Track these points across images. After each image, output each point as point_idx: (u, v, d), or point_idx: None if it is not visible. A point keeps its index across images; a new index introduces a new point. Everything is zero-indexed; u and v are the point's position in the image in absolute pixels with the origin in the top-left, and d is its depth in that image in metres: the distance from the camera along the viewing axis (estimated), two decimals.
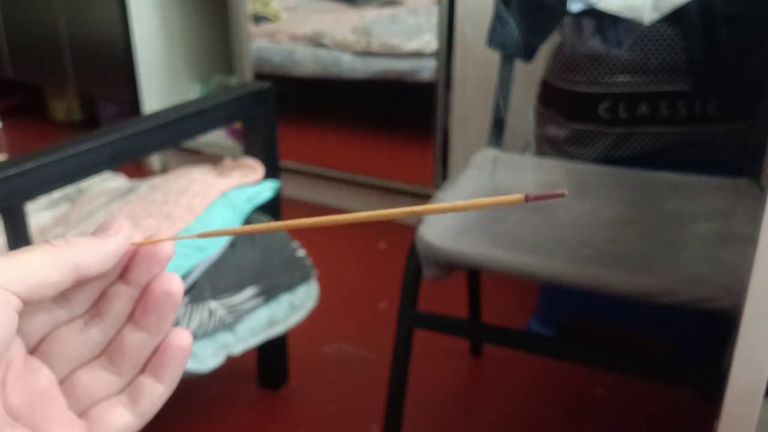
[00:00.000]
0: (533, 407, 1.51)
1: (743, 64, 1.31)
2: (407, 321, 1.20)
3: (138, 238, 0.34)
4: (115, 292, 0.34)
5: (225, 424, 1.47)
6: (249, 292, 1.31)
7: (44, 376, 0.33)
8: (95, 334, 0.34)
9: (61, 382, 0.34)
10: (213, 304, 1.24)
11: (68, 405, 0.33)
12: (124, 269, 0.34)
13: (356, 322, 1.78)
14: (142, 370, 0.34)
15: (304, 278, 1.42)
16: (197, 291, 1.23)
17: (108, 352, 0.34)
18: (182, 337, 0.35)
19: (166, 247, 0.34)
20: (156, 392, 0.34)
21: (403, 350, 1.21)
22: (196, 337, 1.23)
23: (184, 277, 1.23)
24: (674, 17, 1.30)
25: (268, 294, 1.34)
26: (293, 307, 1.40)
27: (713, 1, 1.29)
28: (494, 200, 0.32)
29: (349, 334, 1.72)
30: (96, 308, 0.34)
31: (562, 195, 0.31)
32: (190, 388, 1.54)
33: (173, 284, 0.34)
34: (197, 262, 1.24)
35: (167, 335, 0.34)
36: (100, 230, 0.33)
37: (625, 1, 1.28)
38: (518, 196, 0.32)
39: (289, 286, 1.39)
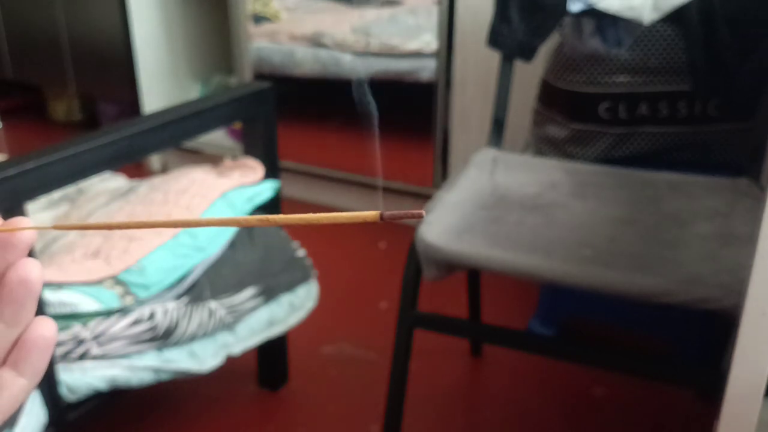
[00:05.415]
0: (533, 407, 1.51)
1: (743, 65, 1.31)
2: (407, 321, 1.20)
3: None
4: None
5: (225, 424, 1.47)
6: (249, 292, 1.31)
7: None
8: None
9: None
10: (213, 304, 1.24)
11: None
12: None
13: (356, 322, 1.78)
14: (3, 363, 0.33)
15: (304, 278, 1.42)
16: (197, 291, 1.23)
17: None
18: (45, 327, 0.33)
19: (25, 233, 0.32)
20: (16, 386, 0.32)
21: (403, 350, 1.21)
22: (196, 337, 1.23)
23: (184, 277, 1.23)
24: (674, 17, 1.30)
25: (268, 294, 1.34)
26: (293, 307, 1.40)
27: (713, 2, 1.29)
28: (350, 215, 0.32)
29: (349, 334, 1.72)
30: None
31: (420, 216, 0.31)
32: (190, 388, 1.54)
33: (30, 271, 0.32)
34: (197, 262, 1.24)
35: (30, 325, 0.33)
36: None
37: (625, 1, 1.28)
38: (374, 213, 0.31)
39: (289, 286, 1.39)
